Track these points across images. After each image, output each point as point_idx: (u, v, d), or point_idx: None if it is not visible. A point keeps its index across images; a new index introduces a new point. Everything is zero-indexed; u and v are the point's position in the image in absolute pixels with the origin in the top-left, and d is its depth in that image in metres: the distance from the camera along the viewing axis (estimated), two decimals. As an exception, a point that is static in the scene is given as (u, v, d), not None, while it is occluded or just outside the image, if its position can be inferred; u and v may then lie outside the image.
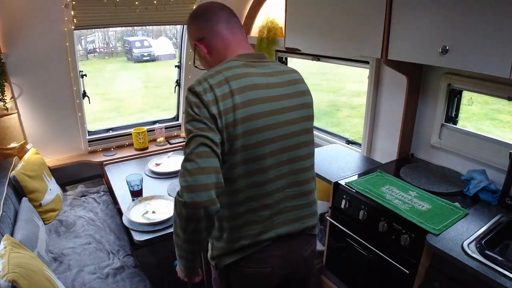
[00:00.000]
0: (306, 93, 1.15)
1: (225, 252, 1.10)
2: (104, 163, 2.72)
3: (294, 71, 1.16)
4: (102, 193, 2.61)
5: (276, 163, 1.06)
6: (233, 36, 1.12)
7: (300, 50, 2.30)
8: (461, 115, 1.90)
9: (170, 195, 2.00)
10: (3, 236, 1.50)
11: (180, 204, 0.92)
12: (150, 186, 2.16)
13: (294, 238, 1.14)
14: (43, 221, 2.12)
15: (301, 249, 1.18)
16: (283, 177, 1.09)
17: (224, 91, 0.98)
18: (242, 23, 2.96)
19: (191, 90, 0.99)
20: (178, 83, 3.11)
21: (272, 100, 1.05)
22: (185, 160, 0.95)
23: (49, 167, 2.53)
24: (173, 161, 2.48)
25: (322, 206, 2.18)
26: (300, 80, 1.15)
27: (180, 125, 3.24)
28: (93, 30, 7.65)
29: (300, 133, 1.10)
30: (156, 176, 2.33)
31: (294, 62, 3.26)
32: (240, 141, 0.99)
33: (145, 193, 2.04)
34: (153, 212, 1.84)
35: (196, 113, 0.96)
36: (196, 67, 1.21)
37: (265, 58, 1.13)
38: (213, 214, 0.93)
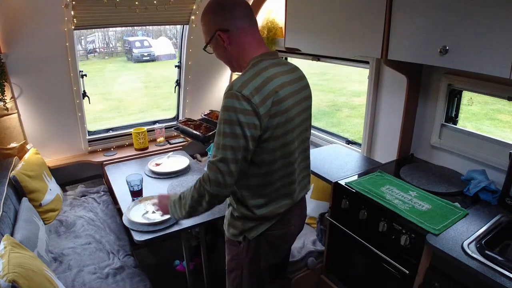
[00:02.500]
0: (308, 86, 1.36)
1: (259, 223, 1.28)
2: (104, 163, 2.72)
3: (298, 68, 1.35)
4: (102, 193, 2.61)
5: (298, 145, 1.28)
6: (254, 34, 1.23)
7: (300, 50, 2.30)
8: (461, 115, 1.90)
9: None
10: (3, 236, 1.50)
11: (205, 191, 1.15)
12: (150, 186, 2.16)
13: (302, 199, 1.43)
14: (43, 221, 2.12)
15: (305, 208, 1.49)
16: (300, 155, 1.32)
17: (267, 91, 1.12)
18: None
19: (239, 93, 1.09)
20: (178, 83, 3.11)
21: (295, 94, 1.23)
22: (220, 160, 1.11)
23: (49, 167, 2.53)
24: (173, 161, 2.48)
25: (322, 206, 2.18)
26: (304, 76, 1.35)
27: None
28: (93, 30, 7.65)
29: (308, 119, 1.35)
30: (156, 176, 2.33)
31: (294, 62, 3.26)
32: (280, 129, 1.17)
33: (145, 193, 2.04)
34: (153, 212, 1.84)
35: (241, 122, 1.09)
36: (205, 50, 1.28)
37: (278, 55, 1.29)
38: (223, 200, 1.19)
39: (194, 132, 1.66)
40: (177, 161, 2.48)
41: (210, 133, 1.64)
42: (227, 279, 1.47)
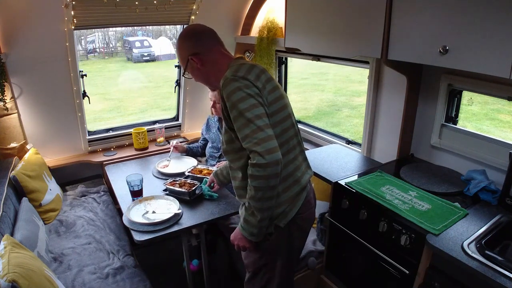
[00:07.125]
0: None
1: (289, 204, 1.36)
2: (104, 163, 2.72)
3: None
4: (102, 193, 2.61)
5: (292, 124, 1.41)
6: (221, 51, 1.40)
7: (300, 50, 2.30)
8: (461, 115, 1.90)
9: (170, 195, 2.00)
10: (3, 236, 1.50)
11: (263, 166, 1.17)
12: (151, 186, 2.16)
13: (310, 182, 1.51)
14: (43, 221, 2.12)
15: (312, 189, 1.54)
16: (296, 137, 1.44)
17: (256, 71, 1.28)
18: (242, 23, 3.01)
19: (235, 76, 1.23)
20: (178, 83, 3.11)
21: (279, 87, 1.39)
22: (255, 132, 1.18)
23: (49, 167, 2.53)
24: (178, 162, 2.50)
25: (322, 206, 2.18)
26: None
27: (179, 125, 3.24)
28: (93, 30, 7.66)
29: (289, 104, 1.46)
30: (163, 177, 2.30)
31: (294, 62, 3.26)
32: (276, 104, 1.32)
33: (146, 193, 2.04)
34: (153, 212, 1.84)
35: (250, 94, 1.21)
36: (184, 76, 1.45)
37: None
38: (281, 170, 1.23)
39: (179, 189, 1.99)
40: (178, 162, 2.48)
41: (194, 187, 1.98)
42: (251, 280, 1.50)
